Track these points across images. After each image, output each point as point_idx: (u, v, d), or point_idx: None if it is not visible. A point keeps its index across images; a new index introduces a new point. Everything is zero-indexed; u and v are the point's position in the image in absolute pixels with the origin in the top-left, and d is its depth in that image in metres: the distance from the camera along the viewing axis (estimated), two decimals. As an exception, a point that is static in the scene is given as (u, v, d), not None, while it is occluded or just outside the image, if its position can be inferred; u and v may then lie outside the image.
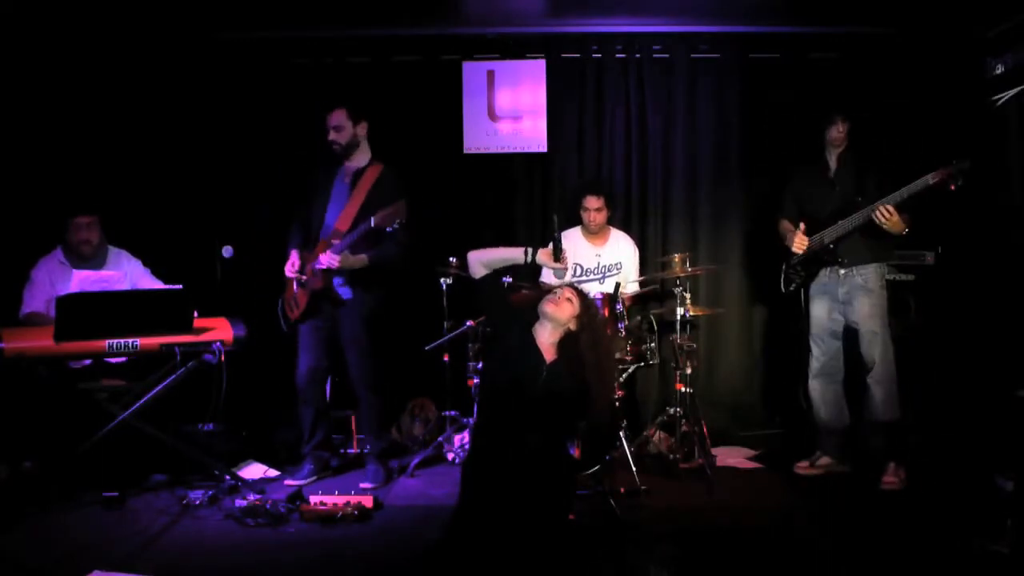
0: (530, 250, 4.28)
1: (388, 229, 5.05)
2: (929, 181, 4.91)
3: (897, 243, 5.43)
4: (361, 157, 5.49)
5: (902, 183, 5.04)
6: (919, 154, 5.34)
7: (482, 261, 4.28)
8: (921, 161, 5.16)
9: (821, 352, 5.56)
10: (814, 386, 5.61)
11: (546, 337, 4.09)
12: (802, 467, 5.58)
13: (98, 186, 6.01)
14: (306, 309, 5.37)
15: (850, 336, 5.47)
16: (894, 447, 5.28)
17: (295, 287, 5.39)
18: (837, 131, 5.46)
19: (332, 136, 5.37)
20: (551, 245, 4.34)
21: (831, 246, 5.37)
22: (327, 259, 5.13)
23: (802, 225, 5.48)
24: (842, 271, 5.40)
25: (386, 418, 5.76)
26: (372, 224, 5.02)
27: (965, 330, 5.79)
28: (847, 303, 5.41)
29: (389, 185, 5.41)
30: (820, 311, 5.54)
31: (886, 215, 5.03)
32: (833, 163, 5.54)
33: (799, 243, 5.48)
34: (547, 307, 4.06)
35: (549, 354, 4.09)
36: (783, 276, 5.77)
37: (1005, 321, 5.59)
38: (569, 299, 4.08)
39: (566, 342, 4.11)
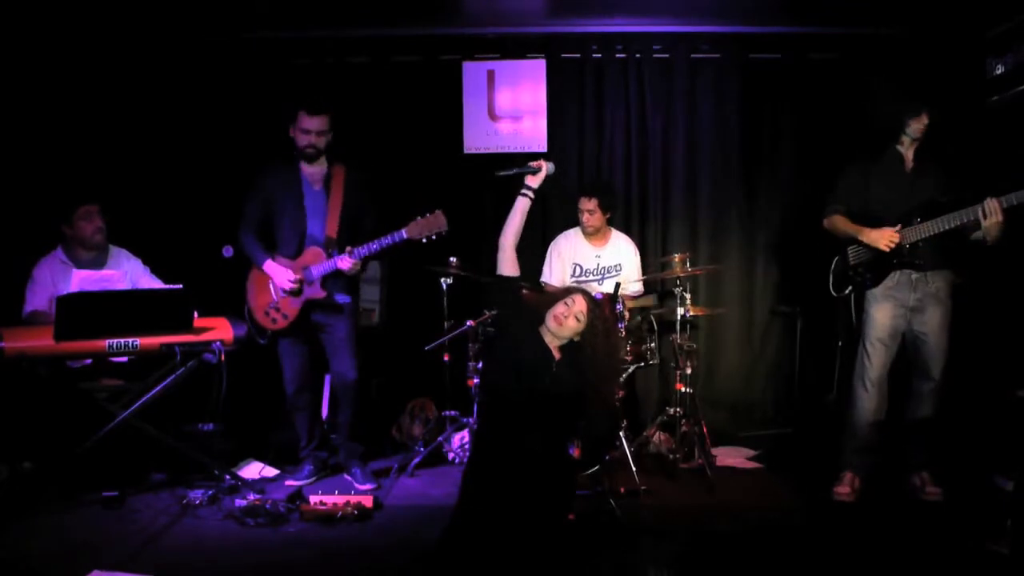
0: (527, 191, 4.22)
1: (423, 240, 5.04)
2: None
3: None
4: (323, 163, 5.40)
5: (983, 185, 4.75)
6: (953, 154, 5.28)
7: (514, 238, 4.16)
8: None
9: (881, 360, 5.11)
10: (867, 394, 5.13)
11: (550, 339, 4.09)
12: (844, 493, 5.10)
13: (98, 185, 5.99)
14: (296, 319, 5.31)
15: (903, 343, 5.18)
16: (930, 457, 5.17)
17: (276, 296, 5.32)
18: (920, 123, 4.99)
19: (313, 140, 5.24)
20: (525, 175, 4.26)
21: (907, 247, 4.97)
22: (348, 265, 5.12)
23: (897, 226, 4.97)
24: (915, 275, 5.01)
25: (366, 422, 5.74)
26: (405, 236, 5.03)
27: (965, 330, 5.78)
28: (917, 310, 5.04)
29: (360, 187, 5.42)
30: (884, 316, 5.08)
31: (995, 210, 4.59)
32: (909, 158, 5.12)
33: (890, 239, 4.95)
34: (551, 323, 4.03)
35: (555, 354, 4.09)
36: (834, 277, 5.38)
37: (1005, 321, 5.58)
38: (578, 318, 4.02)
39: (568, 347, 4.11)
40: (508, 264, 4.14)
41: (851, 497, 5.10)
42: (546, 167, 4.27)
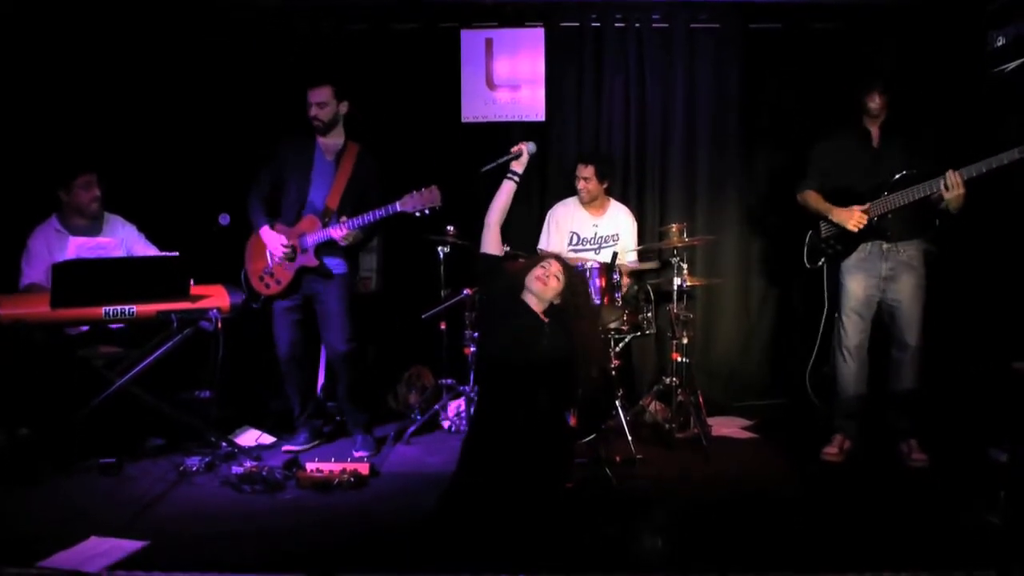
0: (513, 176, 4.48)
1: (416, 214, 5.07)
2: (1016, 155, 4.55)
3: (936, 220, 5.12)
4: (338, 136, 5.48)
5: (948, 158, 4.85)
6: (920, 127, 5.29)
7: (499, 219, 4.38)
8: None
9: (856, 329, 5.26)
10: (844, 364, 5.32)
11: (535, 304, 4.22)
12: (832, 454, 5.29)
13: (94, 153, 5.97)
14: (289, 285, 5.36)
15: (880, 312, 5.29)
16: (916, 424, 5.24)
17: (272, 262, 5.38)
18: (874, 102, 5.16)
19: (315, 112, 5.32)
20: (510, 162, 4.54)
21: (875, 220, 5.11)
22: (340, 235, 5.18)
23: (866, 205, 5.11)
24: (885, 246, 5.16)
25: (369, 388, 5.76)
26: (398, 208, 5.08)
27: (962, 302, 5.79)
28: (890, 279, 5.18)
29: (369, 166, 5.48)
30: (857, 286, 5.23)
31: (956, 183, 4.74)
32: (875, 134, 5.26)
33: (858, 220, 5.10)
34: (534, 284, 4.19)
35: (543, 318, 4.21)
36: (808, 249, 5.53)
37: (1002, 293, 5.59)
38: (557, 276, 4.19)
39: (552, 311, 4.25)
40: (492, 243, 4.32)
41: (838, 458, 5.27)
42: (526, 148, 4.53)
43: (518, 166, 4.49)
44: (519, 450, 3.92)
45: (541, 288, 4.16)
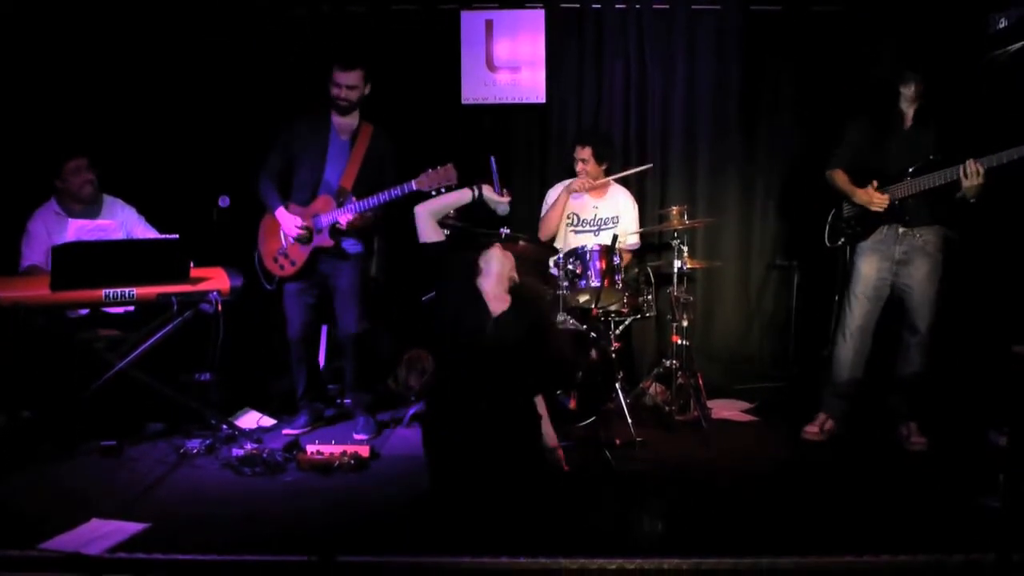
0: (476, 188, 4.65)
1: (432, 192, 5.01)
2: None
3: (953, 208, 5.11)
4: (354, 116, 5.43)
5: (975, 145, 4.85)
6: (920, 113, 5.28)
7: (431, 211, 4.58)
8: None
9: (862, 311, 5.26)
10: (845, 344, 5.33)
11: (492, 287, 4.35)
12: (812, 433, 5.37)
13: (93, 135, 5.97)
14: (304, 266, 5.35)
15: (893, 295, 5.29)
16: (915, 408, 5.26)
17: (286, 242, 5.35)
18: (909, 90, 5.14)
19: (344, 94, 5.26)
20: (488, 183, 4.74)
21: (896, 202, 5.11)
22: (345, 220, 5.17)
23: (875, 183, 5.14)
24: (901, 230, 5.14)
25: (372, 371, 5.76)
26: (415, 187, 5.03)
27: (962, 285, 5.79)
28: (903, 263, 5.17)
29: (384, 146, 5.45)
30: (869, 269, 5.23)
31: (975, 173, 4.75)
32: (909, 116, 5.22)
33: (880, 202, 5.11)
34: (491, 265, 4.43)
35: (498, 304, 4.32)
36: (829, 228, 5.53)
37: (1002, 277, 5.59)
38: (501, 260, 4.40)
39: (515, 295, 4.40)
40: (430, 231, 4.56)
41: (819, 437, 5.36)
42: (505, 204, 4.78)
43: (489, 192, 4.72)
44: (476, 440, 4.09)
45: (499, 266, 4.39)
